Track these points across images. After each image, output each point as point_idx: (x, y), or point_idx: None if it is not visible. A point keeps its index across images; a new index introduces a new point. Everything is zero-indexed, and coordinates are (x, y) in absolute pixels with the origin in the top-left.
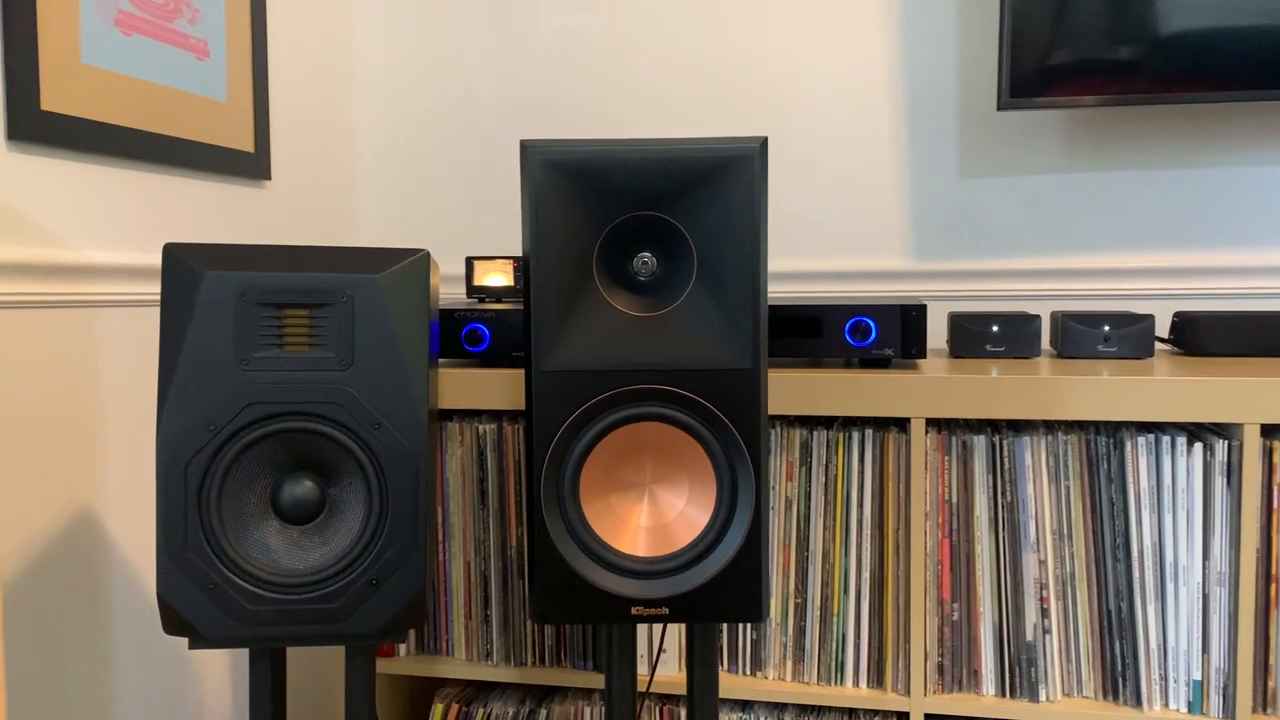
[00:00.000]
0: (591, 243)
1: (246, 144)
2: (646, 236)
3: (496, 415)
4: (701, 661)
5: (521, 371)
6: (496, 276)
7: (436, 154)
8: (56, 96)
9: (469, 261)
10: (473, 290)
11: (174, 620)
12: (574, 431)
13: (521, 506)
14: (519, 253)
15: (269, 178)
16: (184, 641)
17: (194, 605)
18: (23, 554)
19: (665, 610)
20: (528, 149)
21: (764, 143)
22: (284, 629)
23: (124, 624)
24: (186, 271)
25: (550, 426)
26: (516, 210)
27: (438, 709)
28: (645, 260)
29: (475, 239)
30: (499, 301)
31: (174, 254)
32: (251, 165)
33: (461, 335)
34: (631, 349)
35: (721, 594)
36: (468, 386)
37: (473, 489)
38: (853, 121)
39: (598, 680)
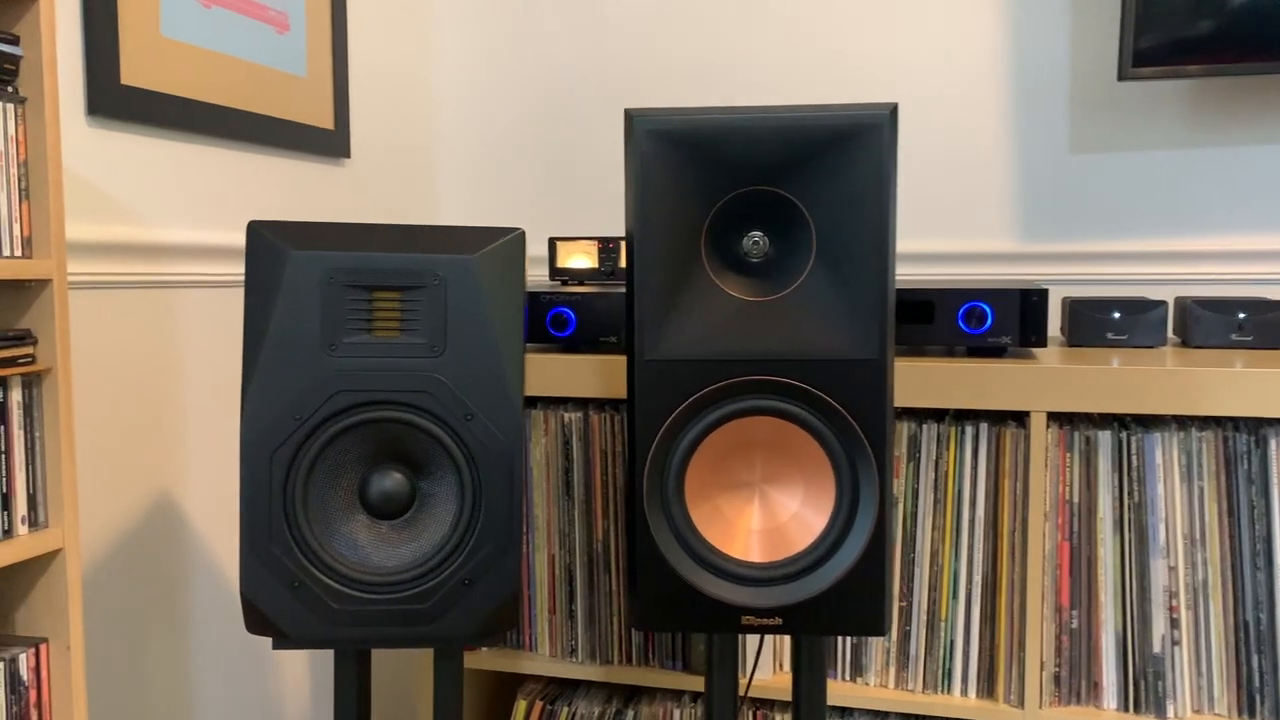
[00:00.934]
0: (700, 221)
1: (326, 120)
2: (759, 214)
3: (582, 403)
4: (809, 668)
5: (610, 358)
6: (580, 258)
7: (517, 132)
8: (136, 70)
9: (552, 243)
10: (555, 273)
11: (258, 620)
12: (679, 426)
13: (609, 499)
14: (601, 234)
15: (348, 155)
16: None
17: (278, 604)
18: (104, 541)
19: (778, 620)
20: (634, 118)
21: (894, 110)
22: (371, 630)
23: (202, 612)
24: (272, 251)
25: (654, 421)
26: (599, 190)
27: (520, 706)
28: (756, 240)
29: (556, 220)
30: (581, 284)
31: (259, 232)
32: (331, 143)
33: (546, 319)
34: (743, 337)
35: (839, 603)
36: (552, 373)
37: (557, 480)
38: (957, 95)
39: (688, 681)
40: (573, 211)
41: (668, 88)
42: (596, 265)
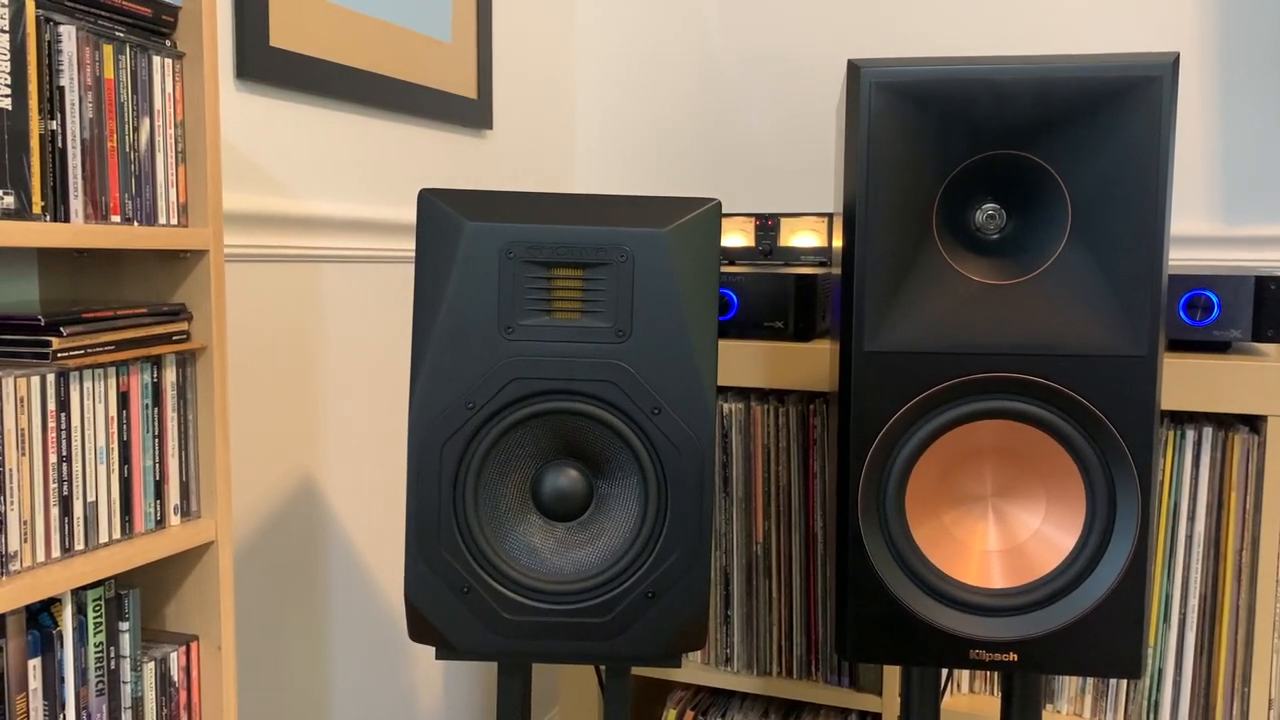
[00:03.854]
0: (933, 191)
1: (469, 90)
2: (997, 183)
3: (744, 393)
4: (1022, 704)
5: (775, 345)
6: (736, 236)
7: (662, 104)
8: (286, 32)
9: None
10: None
11: (423, 627)
12: (902, 429)
13: (771, 498)
14: (752, 210)
15: (490, 127)
16: (400, 624)
17: (445, 611)
18: (246, 531)
19: (1013, 656)
20: (862, 70)
21: (1176, 60)
22: (544, 644)
23: (341, 607)
24: (446, 221)
25: (872, 423)
26: (747, 163)
27: (670, 715)
28: (991, 214)
29: (700, 195)
30: (733, 264)
31: (432, 201)
32: (474, 113)
33: None
34: (980, 326)
35: (1087, 638)
36: None
37: (714, 475)
38: None
39: (855, 699)
40: (716, 188)
41: (831, 59)
42: (753, 244)
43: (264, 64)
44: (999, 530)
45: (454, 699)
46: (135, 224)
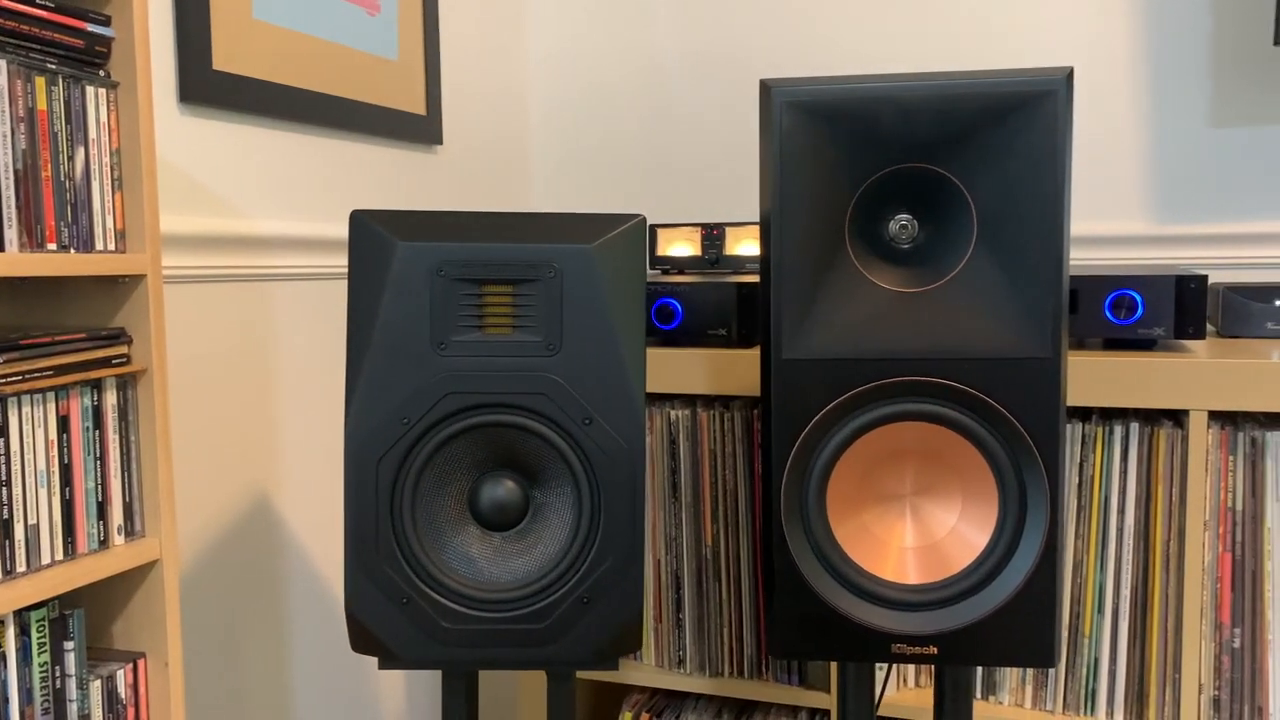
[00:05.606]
0: (844, 203)
1: (418, 106)
2: (909, 195)
3: (690, 400)
4: (954, 697)
5: (719, 352)
6: (682, 246)
7: (613, 118)
8: (229, 55)
9: (652, 230)
10: (655, 260)
11: (364, 638)
12: (821, 432)
13: (719, 502)
14: (701, 220)
15: (440, 142)
16: None
17: (386, 622)
18: (197, 550)
19: (933, 650)
20: (772, 90)
21: (1069, 75)
22: (483, 651)
23: (301, 624)
24: (378, 242)
25: (793, 427)
26: (699, 176)
27: (626, 718)
28: (904, 224)
29: (654, 208)
30: (682, 273)
31: (364, 222)
32: (423, 129)
33: (652, 311)
34: (893, 332)
35: (1003, 631)
36: (658, 367)
37: (663, 481)
38: (1090, 68)
39: (805, 697)
40: (669, 199)
41: (772, 73)
42: (699, 253)
43: (207, 87)
44: (917, 528)
45: (418, 712)
46: (72, 251)
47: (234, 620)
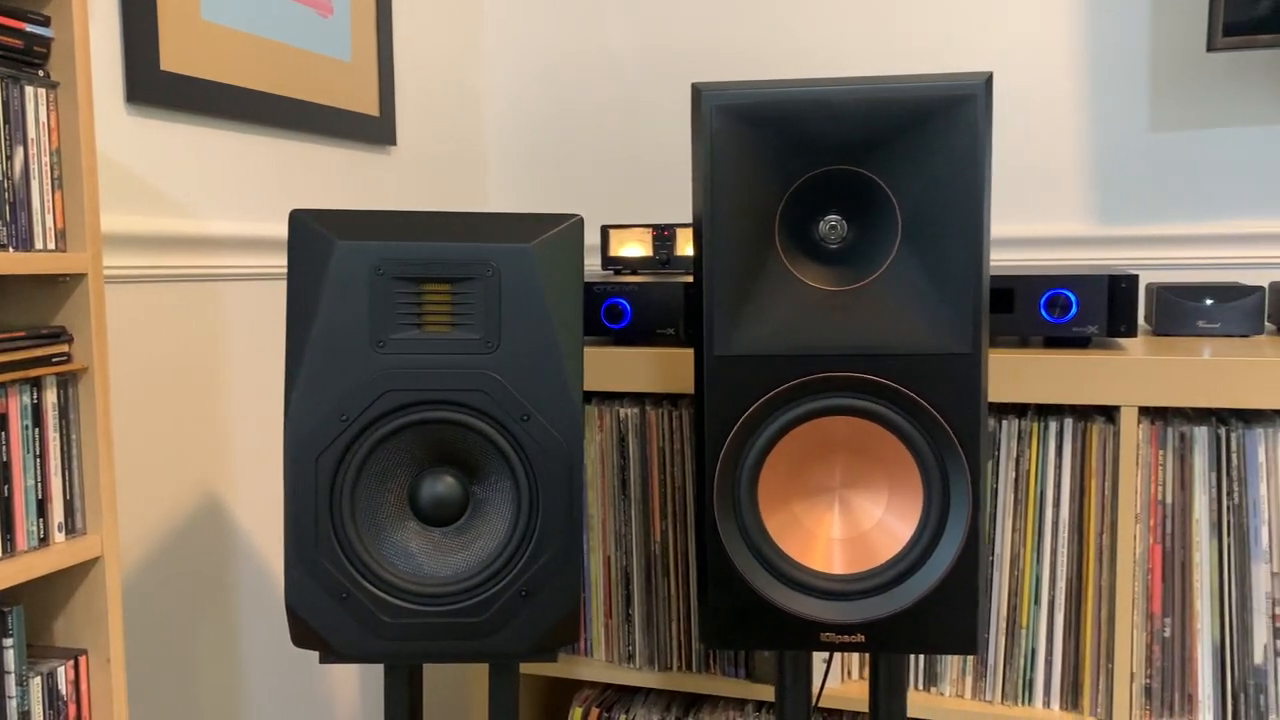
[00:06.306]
0: (774, 205)
1: (371, 107)
2: (838, 196)
3: (639, 398)
4: (888, 686)
5: (668, 351)
6: (634, 246)
7: (567, 119)
8: (176, 56)
9: (604, 230)
10: (608, 261)
11: (304, 633)
12: (752, 428)
13: (668, 498)
14: (655, 220)
15: (394, 143)
16: None
17: (325, 616)
18: (144, 548)
19: (860, 638)
20: (702, 93)
21: (989, 80)
22: (423, 644)
23: (250, 621)
24: (317, 241)
25: (725, 422)
26: (652, 177)
27: (576, 713)
28: (833, 224)
29: (607, 208)
30: (634, 273)
31: (303, 221)
32: (376, 130)
33: (601, 310)
34: (821, 330)
35: (927, 619)
36: (607, 366)
37: (613, 478)
38: (1032, 73)
39: (752, 690)
40: (624, 199)
41: (728, 73)
42: (651, 254)
43: (155, 88)
44: (844, 519)
45: (369, 706)
46: (11, 250)
47: (184, 618)
